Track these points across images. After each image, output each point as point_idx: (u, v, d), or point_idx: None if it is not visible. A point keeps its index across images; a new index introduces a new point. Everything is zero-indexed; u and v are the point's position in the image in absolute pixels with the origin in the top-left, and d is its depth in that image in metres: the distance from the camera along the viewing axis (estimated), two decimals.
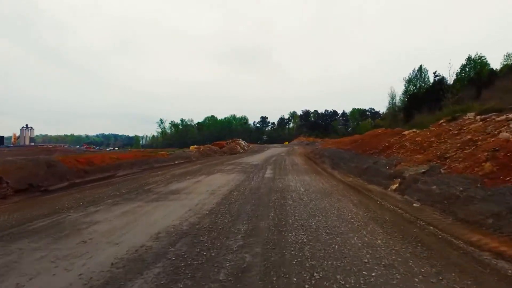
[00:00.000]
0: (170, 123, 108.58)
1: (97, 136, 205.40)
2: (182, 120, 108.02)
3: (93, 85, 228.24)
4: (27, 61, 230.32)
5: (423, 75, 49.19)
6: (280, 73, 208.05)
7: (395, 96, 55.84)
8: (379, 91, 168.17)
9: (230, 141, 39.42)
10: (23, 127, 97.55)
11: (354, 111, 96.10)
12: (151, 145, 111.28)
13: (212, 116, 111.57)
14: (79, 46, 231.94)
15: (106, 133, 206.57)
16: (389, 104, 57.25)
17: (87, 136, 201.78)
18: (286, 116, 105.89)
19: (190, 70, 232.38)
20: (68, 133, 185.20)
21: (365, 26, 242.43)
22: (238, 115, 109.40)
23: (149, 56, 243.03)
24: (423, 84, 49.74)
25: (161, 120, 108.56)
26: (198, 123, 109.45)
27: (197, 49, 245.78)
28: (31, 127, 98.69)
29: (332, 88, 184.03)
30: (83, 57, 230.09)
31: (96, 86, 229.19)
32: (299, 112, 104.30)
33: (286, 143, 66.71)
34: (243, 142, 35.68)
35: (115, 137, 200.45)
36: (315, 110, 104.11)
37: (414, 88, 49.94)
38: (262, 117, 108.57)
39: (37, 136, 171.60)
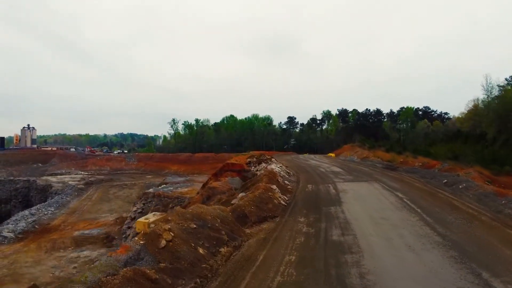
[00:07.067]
0: (183, 124, 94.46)
1: (115, 135, 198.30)
2: (197, 121, 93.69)
3: (115, 82, 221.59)
4: (45, 58, 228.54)
5: None
6: (310, 68, 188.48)
7: (492, 88, 36.79)
8: (431, 86, 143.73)
9: (249, 157, 23.41)
10: (24, 127, 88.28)
11: (408, 110, 76.36)
12: (163, 148, 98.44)
13: (232, 115, 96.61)
14: (95, 38, 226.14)
15: (125, 132, 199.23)
16: (484, 100, 38.17)
17: (105, 136, 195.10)
18: (319, 117, 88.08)
19: (209, 66, 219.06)
20: (83, 133, 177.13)
21: (406, 11, 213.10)
22: (261, 115, 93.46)
23: (168, 51, 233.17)
24: None
25: (173, 120, 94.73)
26: (215, 124, 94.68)
27: (215, 41, 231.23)
28: (33, 127, 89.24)
29: (370, 84, 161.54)
30: (99, 49, 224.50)
31: (117, 83, 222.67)
32: (333, 112, 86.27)
33: (332, 155, 44.10)
34: (277, 168, 19.29)
35: (133, 137, 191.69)
36: (354, 109, 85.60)
37: None
38: (289, 117, 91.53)
39: (52, 135, 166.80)
